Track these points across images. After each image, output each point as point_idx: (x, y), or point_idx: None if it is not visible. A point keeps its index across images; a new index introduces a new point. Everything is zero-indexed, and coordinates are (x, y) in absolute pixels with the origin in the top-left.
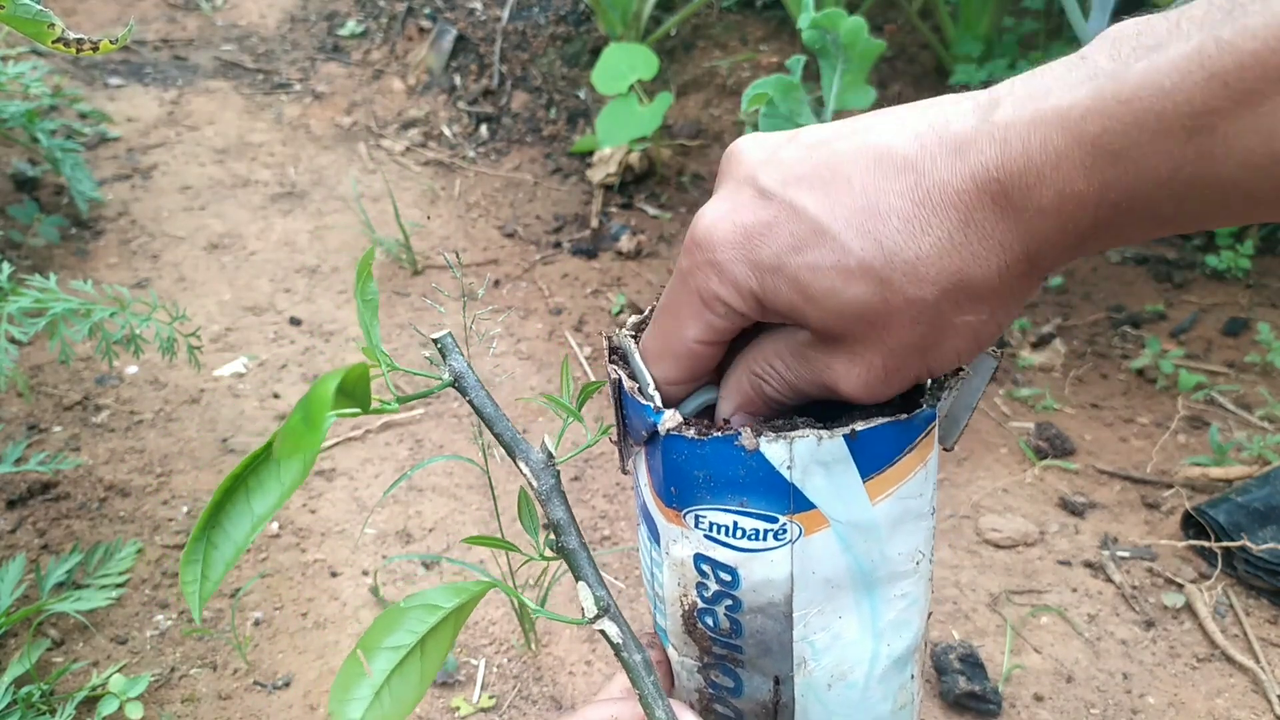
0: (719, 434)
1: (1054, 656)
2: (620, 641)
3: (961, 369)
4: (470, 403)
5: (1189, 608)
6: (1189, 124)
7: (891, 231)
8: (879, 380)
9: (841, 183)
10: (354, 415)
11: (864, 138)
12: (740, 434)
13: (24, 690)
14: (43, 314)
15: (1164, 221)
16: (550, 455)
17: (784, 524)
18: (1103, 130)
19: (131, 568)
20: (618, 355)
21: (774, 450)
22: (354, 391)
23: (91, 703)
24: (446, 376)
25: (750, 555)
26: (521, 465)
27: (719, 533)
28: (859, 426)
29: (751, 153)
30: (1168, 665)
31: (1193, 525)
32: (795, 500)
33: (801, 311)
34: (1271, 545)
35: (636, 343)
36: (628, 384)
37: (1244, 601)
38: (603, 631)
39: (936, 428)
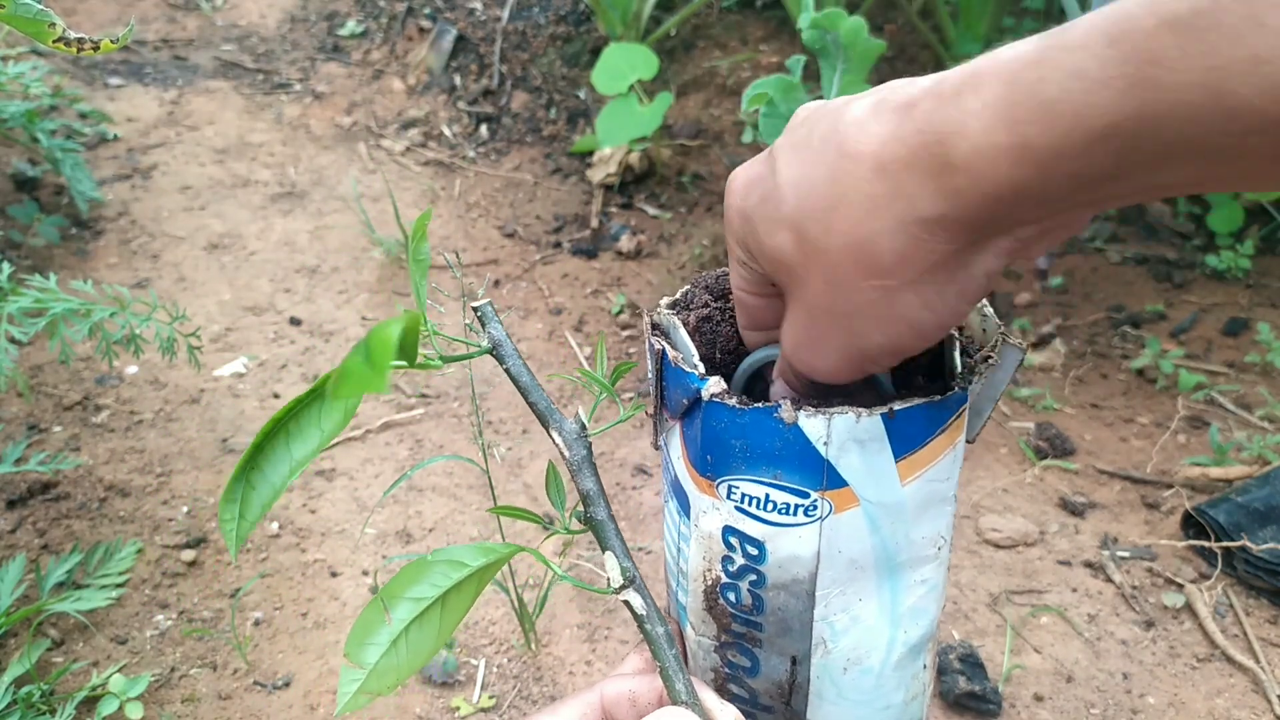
0: (760, 405)
1: (1054, 656)
2: (644, 613)
3: (990, 356)
4: (507, 371)
5: (1189, 608)
6: (1132, 71)
7: (818, 181)
8: (804, 343)
9: (810, 142)
10: (402, 368)
11: (845, 105)
12: (780, 406)
13: (24, 690)
14: (43, 314)
15: (1091, 187)
16: (583, 426)
17: (815, 500)
18: (1039, 78)
19: (131, 568)
20: (659, 331)
21: (812, 425)
22: (405, 344)
23: (91, 703)
24: (485, 344)
25: (779, 529)
26: (555, 435)
27: (750, 505)
28: (896, 406)
29: (795, 117)
30: (1168, 665)
31: (1193, 525)
32: (829, 476)
33: (759, 261)
34: (1271, 545)
35: (679, 320)
36: (671, 354)
37: (1244, 601)
38: (627, 602)
39: (967, 412)
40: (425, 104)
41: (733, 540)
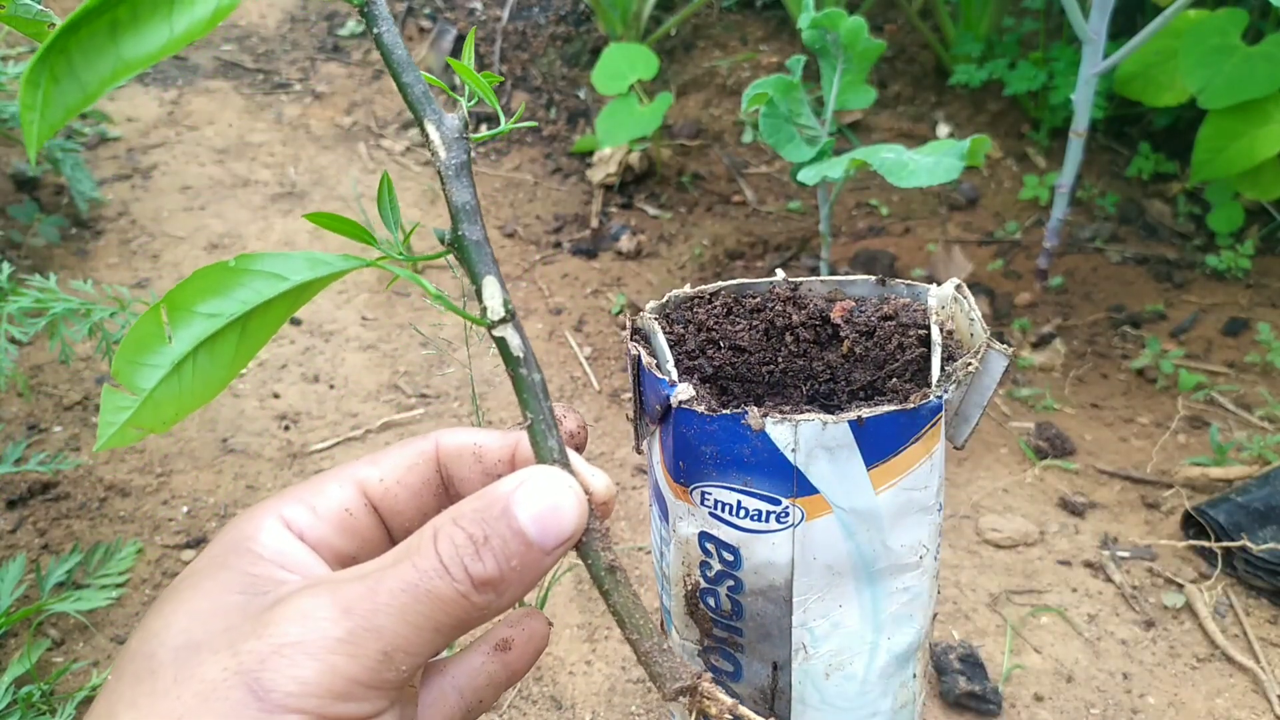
0: (728, 412)
1: (1054, 656)
2: (521, 355)
3: (970, 363)
4: (377, 38)
5: (1189, 608)
6: None
7: None
8: None
9: None
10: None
11: None
12: (747, 413)
13: (24, 690)
14: (43, 314)
15: None
16: (467, 124)
17: (786, 507)
18: None
19: (131, 568)
20: (640, 336)
21: (779, 432)
22: None
23: (92, 703)
24: None
25: (753, 536)
26: (431, 129)
27: (724, 511)
28: (865, 413)
29: None
30: (1168, 665)
31: (1193, 525)
32: (799, 483)
33: None
34: (1271, 545)
35: (659, 325)
36: (646, 360)
37: (1244, 601)
38: (502, 339)
39: (943, 420)
40: None
41: (709, 546)
